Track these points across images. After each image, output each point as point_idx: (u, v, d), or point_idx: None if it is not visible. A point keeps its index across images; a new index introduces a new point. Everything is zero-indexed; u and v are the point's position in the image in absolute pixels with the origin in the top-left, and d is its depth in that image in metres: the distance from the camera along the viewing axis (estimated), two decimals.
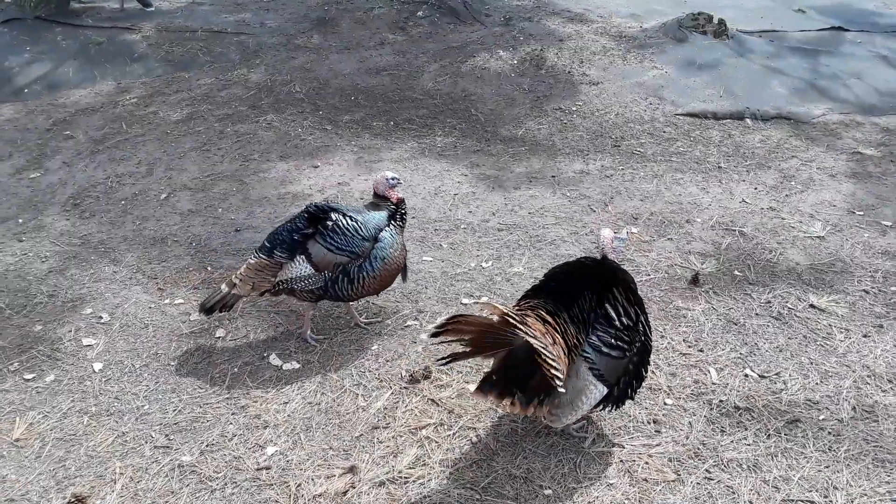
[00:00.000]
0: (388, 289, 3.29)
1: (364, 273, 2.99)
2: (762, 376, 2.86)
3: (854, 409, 2.67)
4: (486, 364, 2.57)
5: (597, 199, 4.57)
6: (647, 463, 2.45)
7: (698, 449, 2.50)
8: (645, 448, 2.53)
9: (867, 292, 3.44)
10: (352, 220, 3.00)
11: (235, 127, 5.53)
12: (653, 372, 2.90)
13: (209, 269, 3.79)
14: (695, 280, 3.51)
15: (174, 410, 2.80)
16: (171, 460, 2.55)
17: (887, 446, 2.49)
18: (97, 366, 3.05)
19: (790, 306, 3.31)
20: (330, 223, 2.98)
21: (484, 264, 3.82)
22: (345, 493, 2.37)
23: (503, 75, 6.51)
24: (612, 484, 2.38)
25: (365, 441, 2.60)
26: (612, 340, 2.30)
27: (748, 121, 5.79)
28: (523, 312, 2.24)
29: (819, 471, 2.40)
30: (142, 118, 5.71)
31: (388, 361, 3.04)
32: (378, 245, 3.01)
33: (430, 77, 6.48)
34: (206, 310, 3.09)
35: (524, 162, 5.17)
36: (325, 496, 2.36)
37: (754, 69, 6.59)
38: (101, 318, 3.38)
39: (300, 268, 2.99)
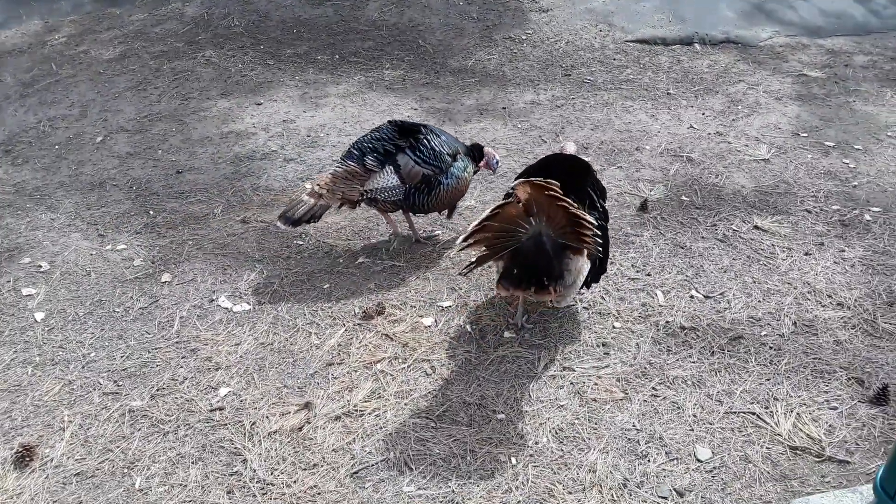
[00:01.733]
0: (340, 226, 3.24)
1: (441, 187, 3.11)
2: (707, 297, 2.93)
3: (795, 324, 2.77)
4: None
5: (548, 129, 4.54)
6: (596, 384, 2.52)
7: (645, 368, 2.57)
8: (594, 370, 2.59)
9: (809, 212, 3.52)
10: (438, 137, 3.12)
11: (172, 64, 5.29)
12: (602, 297, 2.95)
13: (151, 212, 3.68)
14: (643, 207, 3.55)
15: (122, 357, 2.75)
16: (121, 406, 2.52)
17: (826, 358, 2.60)
18: (39, 315, 2.96)
19: (735, 228, 3.38)
20: (422, 136, 3.08)
21: None
22: (300, 428, 2.38)
23: (451, 4, 6.32)
24: (562, 405, 2.44)
25: (319, 378, 2.60)
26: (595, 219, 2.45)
27: (697, 46, 5.78)
28: (551, 184, 2.26)
29: (760, 384, 2.49)
30: (72, 58, 5.41)
31: (340, 299, 3.02)
32: (455, 164, 3.14)
33: (376, 7, 6.26)
34: (293, 221, 3.06)
35: (474, 94, 5.08)
36: (281, 432, 2.37)
37: None
38: (40, 266, 3.26)
39: (388, 178, 3.07)
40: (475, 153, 3.29)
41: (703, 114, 4.64)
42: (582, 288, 2.62)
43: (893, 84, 5.14)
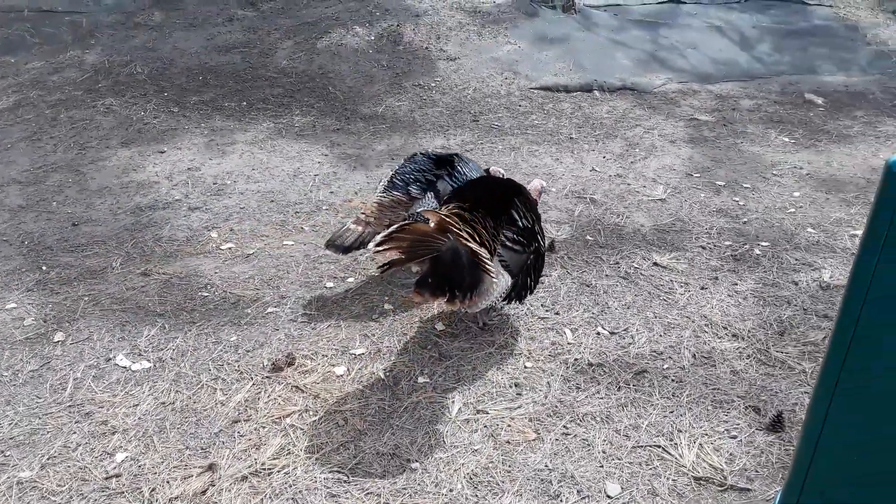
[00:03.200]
0: (248, 276, 3.16)
1: None
2: (612, 333, 3.02)
3: (694, 356, 2.89)
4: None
5: None
6: (509, 426, 2.53)
7: (556, 407, 2.61)
8: (507, 411, 2.60)
9: (704, 248, 3.71)
10: (467, 164, 3.37)
11: (70, 113, 5.10)
12: (513, 337, 2.99)
13: (44, 268, 3.48)
14: (551, 247, 3.64)
15: (10, 424, 2.56)
16: (9, 478, 2.33)
17: (724, 388, 2.71)
18: None
19: (636, 266, 3.52)
20: (457, 164, 3.33)
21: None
22: (204, 492, 2.26)
23: (361, 52, 6.41)
24: (476, 450, 2.43)
25: (225, 436, 2.49)
26: (515, 237, 2.71)
27: (596, 92, 6.07)
28: (453, 217, 2.53)
29: (665, 416, 2.57)
30: None
31: (248, 352, 2.93)
32: None
33: (285, 54, 6.28)
34: (344, 249, 3.21)
35: (385, 139, 5.13)
36: (183, 498, 2.24)
37: (601, 42, 6.90)
38: None
39: (430, 203, 3.20)
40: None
41: (604, 157, 4.85)
42: (505, 302, 2.85)
43: (777, 126, 5.54)
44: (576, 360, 2.85)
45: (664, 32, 7.26)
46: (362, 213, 3.28)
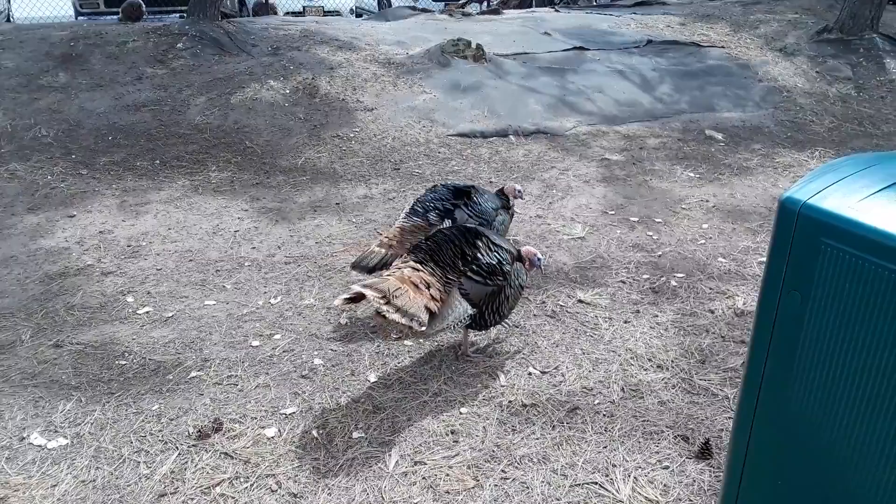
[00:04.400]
0: (168, 340, 3.05)
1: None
2: (543, 372, 3.07)
3: (623, 389, 2.96)
4: None
5: (382, 222, 4.65)
6: (447, 475, 2.51)
7: (493, 451, 2.61)
8: (445, 460, 2.58)
9: (624, 282, 3.84)
10: (482, 196, 3.63)
11: None
12: (446, 384, 2.99)
13: None
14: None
15: None
16: None
17: (653, 419, 2.79)
18: None
19: (561, 304, 3.60)
20: (473, 195, 3.58)
21: (273, 301, 3.70)
22: None
23: (276, 105, 6.41)
24: (416, 503, 2.40)
25: None
26: (478, 270, 2.90)
27: (511, 137, 6.26)
28: (391, 275, 2.82)
29: (599, 452, 2.61)
30: None
31: (172, 420, 2.80)
32: (497, 218, 3.63)
33: (198, 111, 6.20)
34: (369, 269, 3.30)
35: (307, 191, 5.11)
36: None
37: (513, 89, 7.16)
38: None
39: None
40: (504, 198, 3.78)
41: (524, 199, 4.98)
42: (472, 328, 3.06)
43: (682, 162, 5.86)
44: (510, 402, 2.87)
45: (571, 78, 7.60)
46: (385, 238, 3.44)
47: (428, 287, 2.82)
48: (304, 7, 13.30)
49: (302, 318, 3.53)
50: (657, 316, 3.51)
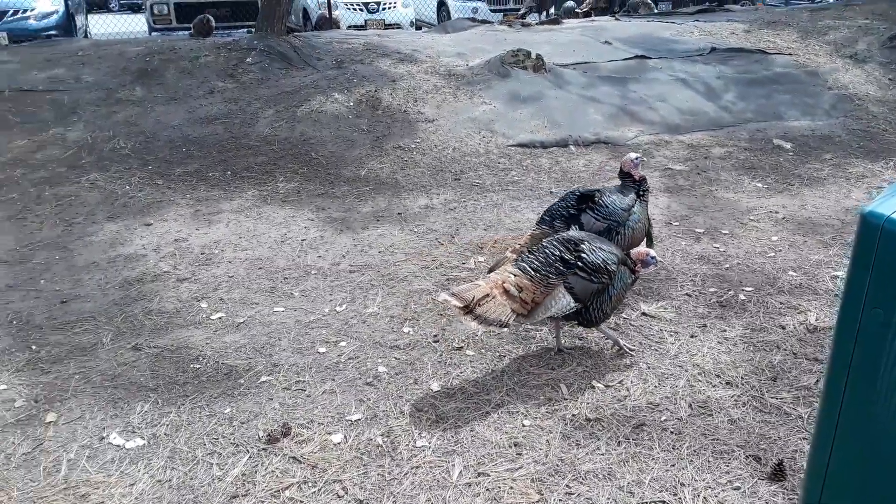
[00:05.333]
0: (239, 345, 3.16)
1: (619, 237, 3.53)
2: (607, 386, 3.04)
3: (690, 406, 2.91)
4: None
5: (443, 231, 4.70)
6: (511, 487, 2.51)
7: (557, 465, 2.60)
8: (508, 472, 2.59)
9: (689, 296, 3.78)
10: (611, 197, 3.60)
11: (55, 190, 5.12)
12: (508, 395, 3.00)
13: (33, 347, 3.44)
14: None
15: None
16: None
17: (722, 438, 2.73)
18: None
19: (625, 316, 3.57)
20: (598, 199, 3.58)
21: (338, 308, 3.78)
22: None
23: (341, 117, 6.55)
24: None
25: None
26: (584, 267, 3.02)
27: (572, 147, 6.23)
28: (485, 281, 3.03)
29: (667, 470, 2.57)
30: None
31: (243, 423, 2.90)
32: (631, 217, 3.60)
33: (266, 123, 6.39)
34: None
35: (370, 201, 5.21)
36: None
37: (573, 99, 7.13)
38: None
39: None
40: (631, 182, 3.73)
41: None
42: (575, 323, 3.19)
43: (749, 172, 5.72)
44: (573, 415, 2.86)
45: (633, 87, 7.52)
46: (518, 245, 3.58)
47: (520, 290, 2.97)
48: (365, 21, 13.56)
49: (366, 326, 3.60)
50: (725, 331, 3.44)
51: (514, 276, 3.02)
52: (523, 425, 2.82)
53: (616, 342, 3.29)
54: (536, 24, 11.30)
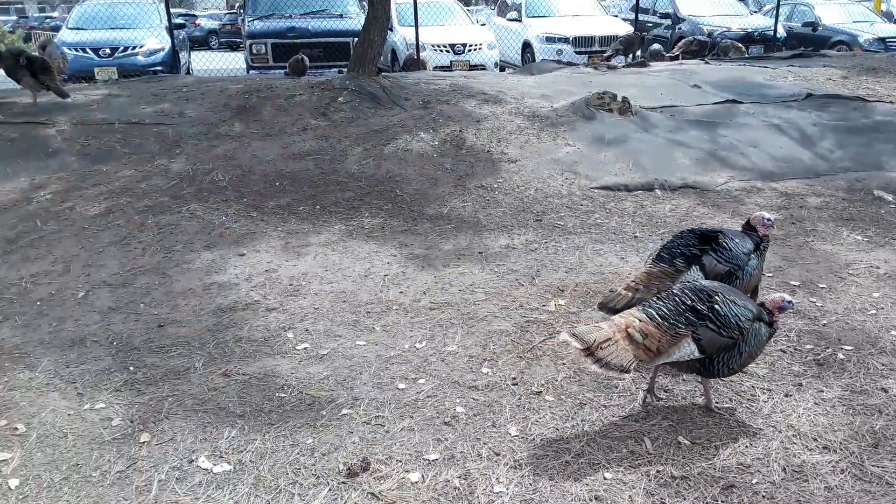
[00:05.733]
0: (322, 377, 3.23)
1: (738, 282, 3.42)
2: (694, 442, 2.93)
3: (784, 469, 2.77)
4: None
5: (524, 272, 4.69)
6: None
7: None
8: None
9: (784, 352, 3.62)
10: (733, 240, 3.51)
11: (157, 218, 5.43)
12: (589, 444, 2.94)
13: (131, 368, 3.63)
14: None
15: None
16: None
17: None
18: (13, 482, 2.83)
19: None
20: (722, 240, 3.49)
21: (418, 345, 3.82)
22: None
23: (425, 156, 6.69)
24: None
25: None
26: (714, 319, 2.91)
27: (658, 191, 6.13)
28: (609, 324, 2.98)
29: None
30: (58, 214, 5.53)
31: (324, 455, 2.95)
32: (749, 262, 3.50)
33: (355, 160, 6.59)
34: (616, 311, 3.32)
35: (451, 239, 5.27)
36: None
37: (659, 142, 7.03)
38: (16, 429, 3.16)
39: (694, 275, 3.42)
40: (754, 235, 3.62)
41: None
42: (698, 373, 3.06)
43: (848, 223, 5.47)
44: (658, 471, 2.77)
45: (722, 131, 7.36)
46: (632, 282, 3.51)
47: (645, 337, 2.89)
48: (451, 62, 13.86)
49: (445, 365, 3.62)
50: (822, 391, 3.26)
51: (640, 321, 2.94)
52: (605, 478, 2.75)
53: (708, 400, 3.17)
54: (623, 66, 11.26)
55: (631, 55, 12.82)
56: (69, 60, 10.83)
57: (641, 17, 15.44)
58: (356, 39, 10.41)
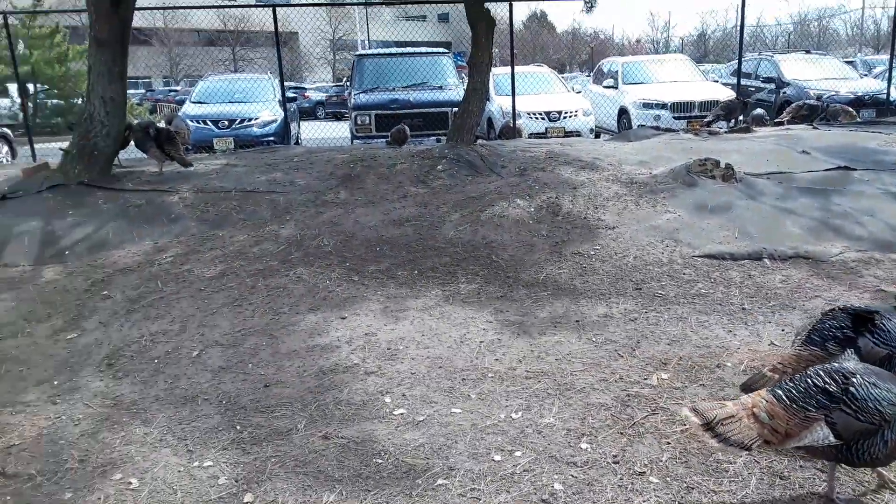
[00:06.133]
0: (418, 444, 3.25)
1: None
2: None
3: None
4: None
5: (623, 343, 4.58)
6: None
7: None
8: None
9: None
10: (892, 321, 3.27)
11: (267, 281, 5.72)
12: None
13: (238, 427, 3.78)
14: None
15: None
16: None
17: None
18: None
19: None
20: (879, 321, 3.27)
21: (514, 415, 3.78)
22: None
23: (521, 222, 6.75)
24: None
25: None
26: (850, 403, 2.71)
27: (766, 261, 5.88)
28: (735, 402, 2.91)
29: None
30: (177, 276, 5.94)
31: None
32: None
33: (452, 226, 6.73)
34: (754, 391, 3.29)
35: (547, 307, 5.23)
36: None
37: (766, 210, 6.79)
38: (130, 483, 3.34)
39: (848, 359, 3.20)
40: None
41: (783, 330, 4.61)
42: (831, 455, 2.82)
43: None
44: None
45: (836, 200, 7.02)
46: (779, 363, 3.39)
47: (771, 418, 2.77)
48: (546, 129, 14.06)
49: (542, 437, 3.55)
50: None
51: (766, 402, 2.81)
52: None
53: (830, 489, 2.93)
54: (724, 132, 11.05)
55: (733, 121, 12.56)
56: (192, 132, 11.80)
57: (743, 81, 15.17)
58: (454, 109, 10.78)
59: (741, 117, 12.89)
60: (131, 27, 8.42)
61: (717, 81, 17.52)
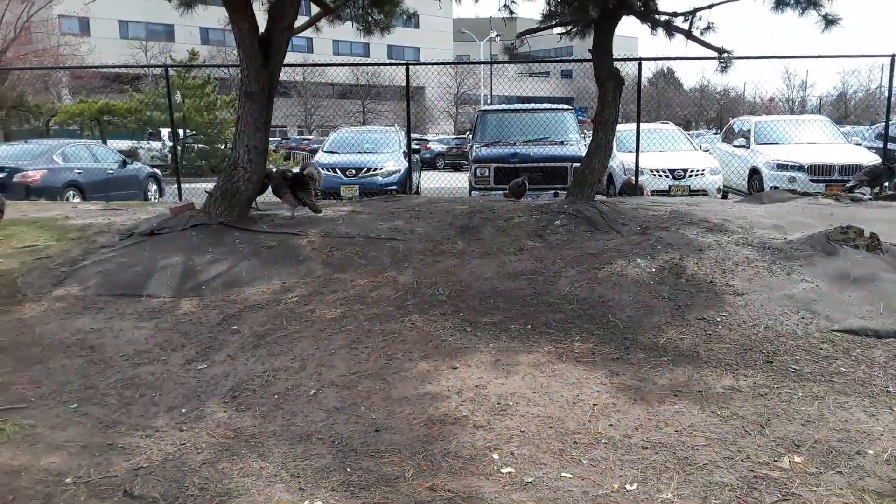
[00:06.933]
0: None
1: None
2: None
3: None
4: None
5: (751, 419, 4.28)
6: None
7: None
8: None
9: None
10: None
11: (382, 326, 5.85)
12: None
13: (348, 469, 3.84)
14: None
15: None
16: None
17: None
18: None
19: None
20: None
21: (628, 486, 3.60)
22: None
23: (641, 283, 6.53)
24: None
25: None
26: None
27: None
28: None
29: None
30: (300, 315, 6.20)
31: None
32: None
33: (567, 282, 6.63)
34: None
35: (667, 373, 5.00)
36: None
37: None
38: None
39: None
40: None
41: None
42: None
43: None
44: None
45: None
46: None
47: None
48: (669, 186, 13.70)
49: None
50: None
51: None
52: None
53: None
54: (868, 198, 10.30)
55: (878, 187, 11.69)
56: (323, 179, 12.46)
57: (891, 145, 14.15)
58: (575, 165, 10.73)
59: (886, 184, 11.97)
60: (278, 82, 9.08)
61: (860, 144, 16.45)
